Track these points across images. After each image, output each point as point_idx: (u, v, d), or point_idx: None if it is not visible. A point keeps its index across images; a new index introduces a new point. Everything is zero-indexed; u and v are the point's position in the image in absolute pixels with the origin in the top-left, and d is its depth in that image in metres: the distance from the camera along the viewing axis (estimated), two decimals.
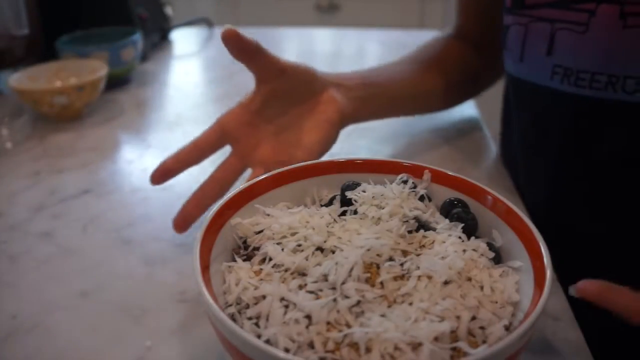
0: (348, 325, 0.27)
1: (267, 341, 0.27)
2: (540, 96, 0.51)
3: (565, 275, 0.43)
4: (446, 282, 0.30)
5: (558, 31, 0.46)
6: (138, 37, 0.86)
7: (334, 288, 0.29)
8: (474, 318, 0.29)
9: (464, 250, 0.32)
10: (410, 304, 0.28)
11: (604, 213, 0.50)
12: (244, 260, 0.34)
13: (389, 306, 0.29)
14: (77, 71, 0.77)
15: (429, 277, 0.30)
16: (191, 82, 0.94)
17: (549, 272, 0.29)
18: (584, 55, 0.45)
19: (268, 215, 0.36)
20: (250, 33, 0.44)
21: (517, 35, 0.51)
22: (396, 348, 0.26)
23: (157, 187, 0.58)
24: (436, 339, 0.26)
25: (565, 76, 0.47)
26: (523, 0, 0.49)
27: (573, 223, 0.52)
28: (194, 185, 0.49)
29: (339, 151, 0.54)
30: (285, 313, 0.28)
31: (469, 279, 0.31)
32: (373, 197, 0.36)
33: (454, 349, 0.26)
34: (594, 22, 0.44)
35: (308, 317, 0.28)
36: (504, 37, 0.54)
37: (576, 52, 0.46)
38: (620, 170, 0.48)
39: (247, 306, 0.30)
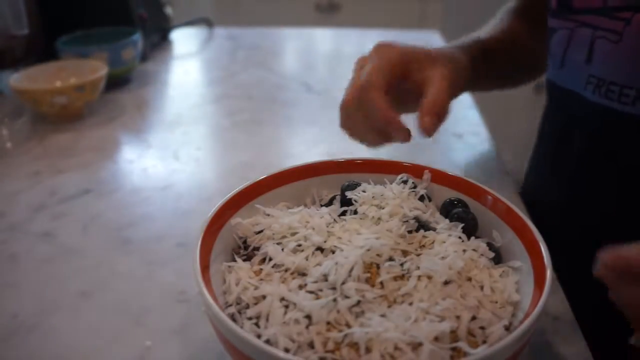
0: (348, 325, 0.27)
1: (267, 341, 0.27)
2: (571, 103, 0.50)
3: (566, 275, 0.43)
4: (446, 282, 0.30)
5: (597, 39, 0.46)
6: (138, 37, 0.86)
7: (334, 288, 0.29)
8: (474, 318, 0.29)
9: (464, 250, 0.32)
10: (410, 304, 0.28)
11: (620, 218, 0.50)
12: (244, 260, 0.34)
13: (389, 306, 0.29)
14: (77, 71, 0.77)
15: (429, 277, 0.30)
16: (191, 82, 0.94)
17: (549, 272, 0.29)
18: (616, 66, 0.44)
19: (268, 215, 0.36)
20: (250, 33, 0.44)
21: (562, 40, 0.50)
22: (396, 348, 0.26)
23: (158, 186, 0.58)
24: (436, 339, 0.26)
25: (597, 87, 0.46)
26: (570, 4, 0.48)
27: (589, 224, 0.52)
28: (194, 185, 0.49)
29: (339, 151, 0.54)
30: (285, 313, 0.28)
31: (469, 279, 0.31)
32: (373, 197, 0.36)
33: (454, 349, 0.26)
34: (628, 31, 0.43)
35: (308, 317, 0.28)
36: (549, 41, 0.53)
37: (609, 62, 0.45)
38: None
39: (247, 306, 0.30)
